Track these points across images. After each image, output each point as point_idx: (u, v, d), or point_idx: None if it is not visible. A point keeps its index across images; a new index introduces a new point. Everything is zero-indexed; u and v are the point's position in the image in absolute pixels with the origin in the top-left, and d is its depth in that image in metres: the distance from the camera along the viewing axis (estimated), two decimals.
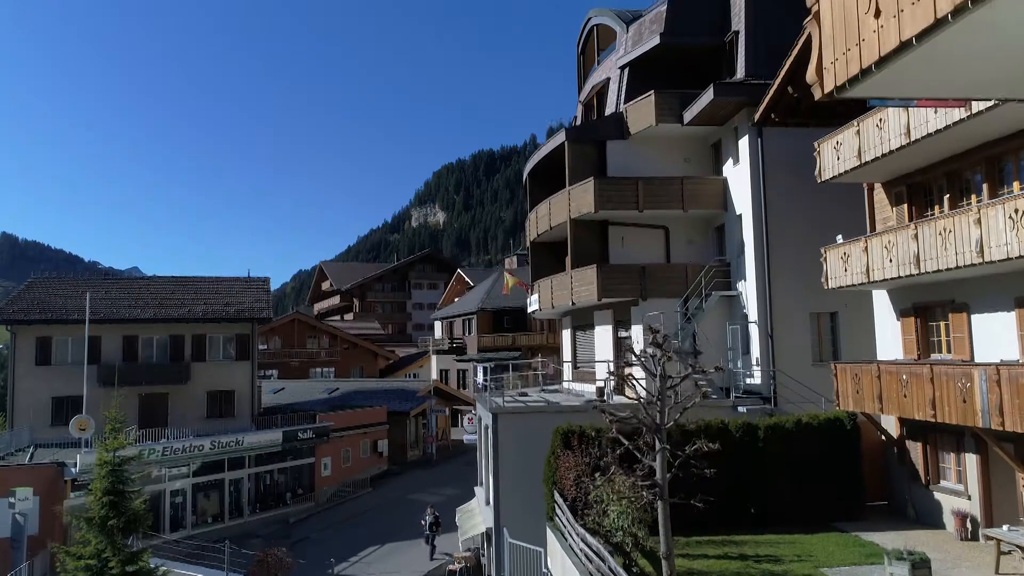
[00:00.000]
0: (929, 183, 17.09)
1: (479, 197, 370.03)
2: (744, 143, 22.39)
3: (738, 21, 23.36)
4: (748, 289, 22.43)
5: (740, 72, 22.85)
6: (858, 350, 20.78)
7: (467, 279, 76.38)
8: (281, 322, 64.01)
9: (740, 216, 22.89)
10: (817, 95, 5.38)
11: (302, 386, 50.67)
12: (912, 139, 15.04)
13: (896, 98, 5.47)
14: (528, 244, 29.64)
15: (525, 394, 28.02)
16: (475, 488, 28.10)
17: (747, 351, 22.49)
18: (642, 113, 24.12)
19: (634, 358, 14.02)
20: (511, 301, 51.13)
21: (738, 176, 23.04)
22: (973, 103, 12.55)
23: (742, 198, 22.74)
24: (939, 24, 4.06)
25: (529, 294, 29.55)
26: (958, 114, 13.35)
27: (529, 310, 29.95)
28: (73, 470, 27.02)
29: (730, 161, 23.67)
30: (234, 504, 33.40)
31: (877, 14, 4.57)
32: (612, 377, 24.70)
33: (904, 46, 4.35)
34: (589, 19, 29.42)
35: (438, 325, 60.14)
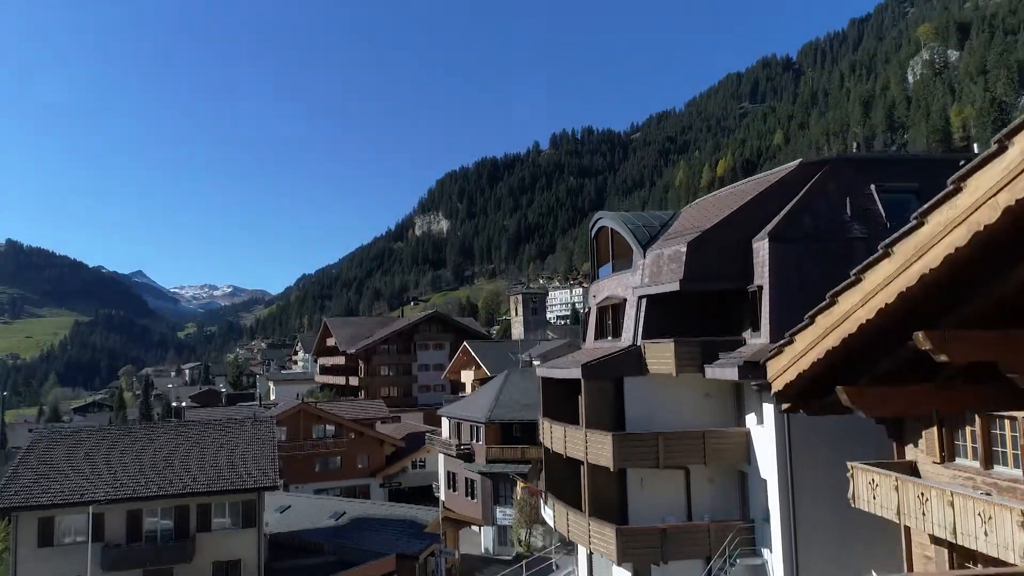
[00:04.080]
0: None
1: (482, 205, 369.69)
2: (768, 410, 21.46)
3: (761, 274, 22.39)
4: (774, 560, 21.54)
5: (764, 332, 21.87)
6: None
7: (473, 354, 75.41)
8: (287, 413, 63.26)
9: (765, 481, 21.97)
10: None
11: (308, 506, 49.78)
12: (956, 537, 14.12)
13: None
14: (542, 450, 28.72)
15: None
16: None
17: None
18: (661, 358, 23.22)
19: None
20: (521, 413, 50.28)
21: (762, 437, 22.12)
22: None
23: (767, 462, 21.82)
24: None
25: (544, 503, 28.69)
26: None
27: (545, 518, 29.10)
28: None
29: (753, 415, 22.75)
30: None
31: None
32: None
33: None
34: (599, 219, 28.45)
35: (445, 423, 59.35)
